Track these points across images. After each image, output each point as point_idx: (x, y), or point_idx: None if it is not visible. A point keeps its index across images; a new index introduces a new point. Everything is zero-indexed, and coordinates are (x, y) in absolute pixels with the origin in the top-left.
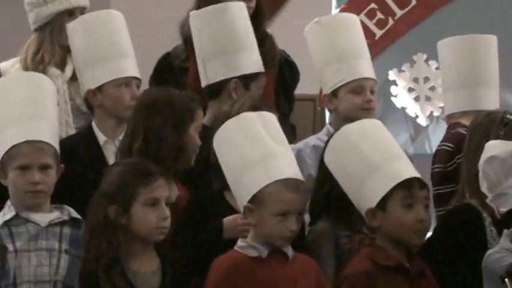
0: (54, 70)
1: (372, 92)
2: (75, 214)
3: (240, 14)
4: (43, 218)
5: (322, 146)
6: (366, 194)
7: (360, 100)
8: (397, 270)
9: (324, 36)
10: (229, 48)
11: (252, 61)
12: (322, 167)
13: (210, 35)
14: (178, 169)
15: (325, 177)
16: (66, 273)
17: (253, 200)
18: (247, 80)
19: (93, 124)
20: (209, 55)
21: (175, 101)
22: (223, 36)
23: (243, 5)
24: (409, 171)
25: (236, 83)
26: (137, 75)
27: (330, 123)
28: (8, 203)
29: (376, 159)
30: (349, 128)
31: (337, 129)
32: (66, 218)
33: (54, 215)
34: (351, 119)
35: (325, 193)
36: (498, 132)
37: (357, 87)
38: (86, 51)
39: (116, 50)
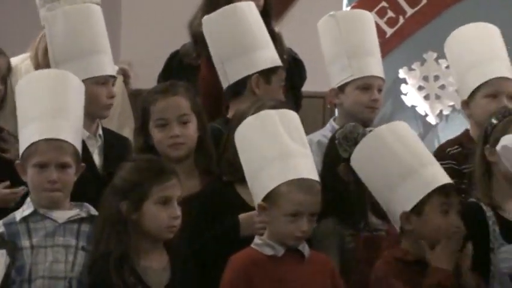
0: None
1: (379, 91)
2: (94, 211)
3: (250, 12)
4: (61, 214)
5: (326, 142)
6: (399, 198)
7: (366, 98)
8: (418, 266)
9: (337, 30)
10: (246, 46)
11: (269, 56)
12: (325, 165)
13: (226, 36)
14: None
15: (328, 176)
16: (82, 270)
17: (267, 198)
18: (267, 74)
19: None
20: (227, 56)
21: (140, 100)
22: (239, 36)
23: (252, 3)
24: (445, 176)
25: (257, 78)
26: (114, 73)
27: (334, 119)
28: (28, 199)
29: (412, 163)
30: (383, 130)
31: (341, 125)
32: (84, 215)
33: (73, 212)
34: (355, 115)
35: (328, 193)
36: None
37: (365, 84)
38: (65, 45)
39: (96, 46)
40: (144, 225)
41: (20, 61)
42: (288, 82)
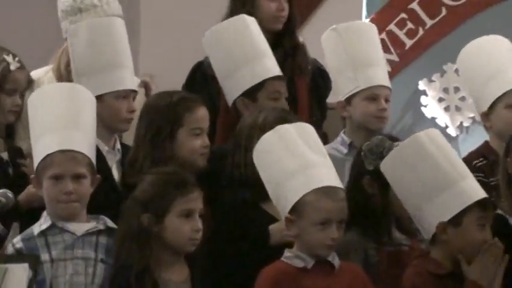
0: None
1: (386, 101)
2: (111, 224)
3: (227, 33)
4: (79, 227)
5: (338, 156)
6: (436, 207)
7: (374, 108)
8: (450, 278)
9: (340, 44)
10: (228, 69)
11: (249, 75)
12: (351, 177)
13: (213, 63)
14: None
15: (352, 189)
16: (103, 282)
17: (293, 210)
18: (251, 93)
19: None
20: (221, 85)
21: (159, 108)
22: (216, 65)
23: (231, 20)
24: (482, 190)
25: (242, 101)
26: (135, 88)
27: (344, 132)
28: (44, 213)
29: (452, 173)
30: (422, 137)
31: (352, 137)
32: (102, 227)
33: (90, 225)
34: (364, 126)
35: (352, 205)
36: None
37: (372, 94)
38: (88, 58)
39: (118, 60)
40: (166, 238)
41: (43, 73)
42: (313, 92)
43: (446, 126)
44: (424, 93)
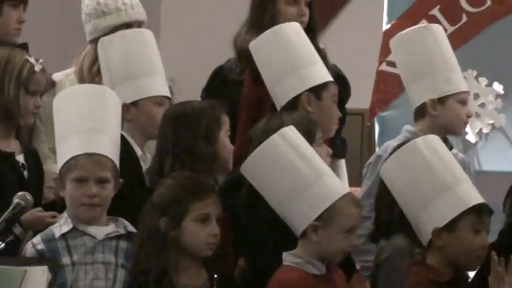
0: None
1: None
2: (131, 228)
3: (293, 32)
4: (99, 231)
5: None
6: (432, 213)
7: (465, 112)
8: (449, 285)
9: (434, 43)
10: (291, 66)
11: (318, 72)
12: None
13: (272, 60)
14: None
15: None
16: (122, 287)
17: (319, 218)
18: (317, 90)
19: (128, 137)
20: (276, 78)
21: (198, 112)
22: (283, 57)
23: (294, 23)
24: (478, 195)
25: (308, 96)
26: (170, 95)
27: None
28: (65, 215)
29: (448, 179)
30: (418, 143)
31: None
32: (122, 231)
33: (110, 228)
34: (450, 129)
35: (399, 210)
36: None
37: (464, 99)
38: (123, 66)
39: (152, 68)
40: (183, 242)
41: (64, 76)
42: None
43: (466, 133)
44: None
